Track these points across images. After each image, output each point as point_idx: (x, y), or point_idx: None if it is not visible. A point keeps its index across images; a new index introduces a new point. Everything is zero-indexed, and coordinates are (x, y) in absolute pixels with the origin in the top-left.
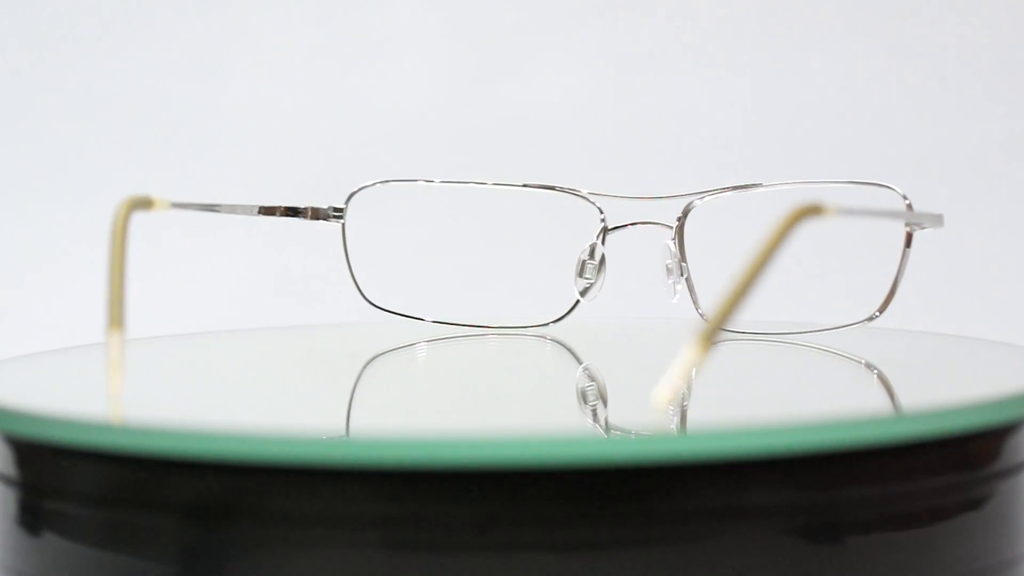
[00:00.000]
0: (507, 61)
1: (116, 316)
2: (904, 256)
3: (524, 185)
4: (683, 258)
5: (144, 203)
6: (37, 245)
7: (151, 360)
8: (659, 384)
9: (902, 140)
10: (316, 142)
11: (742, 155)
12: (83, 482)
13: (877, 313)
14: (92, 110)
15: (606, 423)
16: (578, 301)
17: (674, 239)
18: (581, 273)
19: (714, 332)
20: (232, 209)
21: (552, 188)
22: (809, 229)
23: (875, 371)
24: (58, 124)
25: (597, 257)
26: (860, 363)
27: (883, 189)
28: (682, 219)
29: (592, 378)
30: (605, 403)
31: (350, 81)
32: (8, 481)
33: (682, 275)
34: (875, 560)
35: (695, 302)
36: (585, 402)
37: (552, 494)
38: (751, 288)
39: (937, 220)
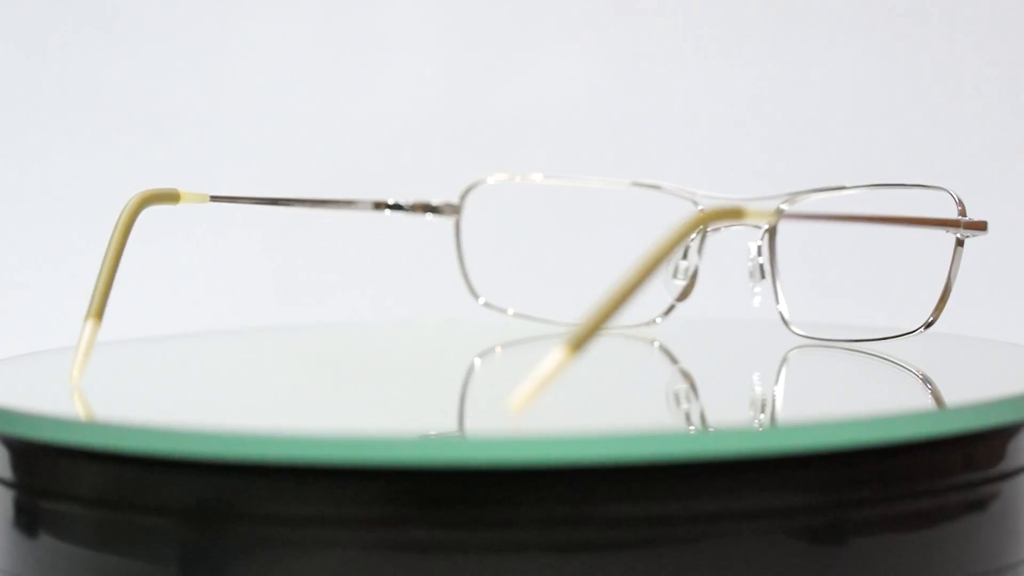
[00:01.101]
0: (514, 57)
1: (97, 307)
2: (955, 258)
3: (634, 184)
4: (773, 261)
5: (165, 197)
6: (35, 245)
7: (207, 361)
8: (519, 387)
9: (949, 140)
10: (315, 141)
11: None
12: (80, 483)
13: (932, 319)
14: (92, 110)
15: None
16: (673, 305)
17: (764, 241)
18: (675, 275)
19: (587, 337)
20: (346, 205)
21: (655, 187)
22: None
23: (881, 372)
24: (56, 124)
25: (693, 259)
26: (864, 364)
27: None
28: (774, 221)
29: (680, 377)
30: (692, 399)
31: (350, 79)
32: (3, 482)
33: (773, 278)
34: (878, 563)
35: (779, 305)
36: (676, 400)
37: (553, 495)
38: (635, 293)
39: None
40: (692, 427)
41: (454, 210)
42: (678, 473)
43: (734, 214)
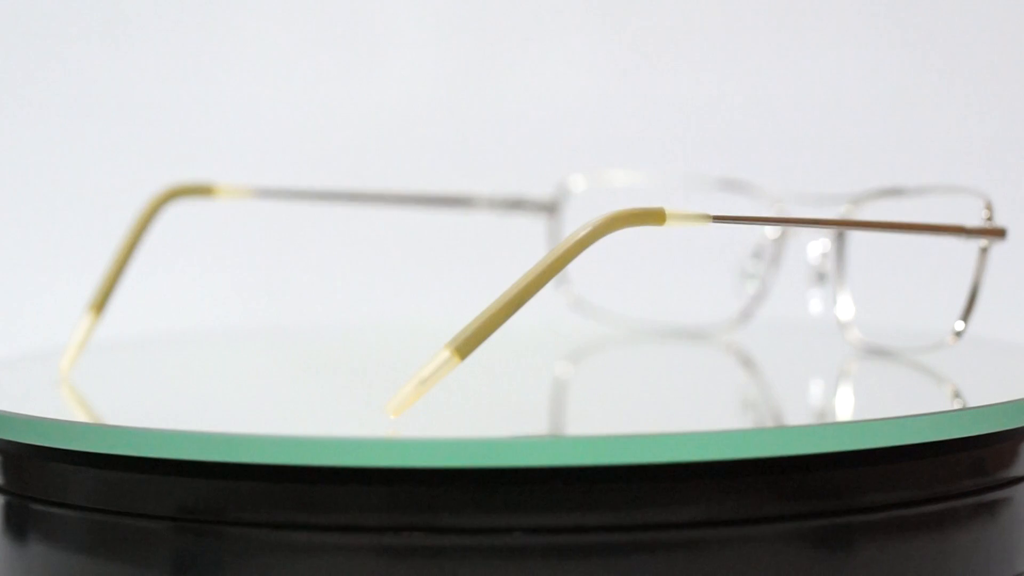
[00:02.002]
0: (515, 56)
1: (98, 299)
2: (980, 264)
3: (720, 181)
4: (841, 265)
5: (195, 190)
6: (31, 247)
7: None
8: (397, 391)
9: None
10: (312, 142)
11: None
12: (71, 487)
13: (963, 323)
14: (91, 110)
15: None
16: (747, 306)
17: (833, 244)
18: (746, 275)
19: (473, 342)
20: (454, 203)
21: (732, 185)
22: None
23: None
24: (52, 123)
25: (766, 259)
26: (869, 364)
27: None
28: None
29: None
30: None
31: (347, 80)
32: None
33: (837, 283)
34: (887, 569)
35: (844, 311)
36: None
37: (554, 498)
38: (527, 300)
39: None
40: (692, 430)
41: (550, 208)
42: (682, 477)
43: (646, 217)
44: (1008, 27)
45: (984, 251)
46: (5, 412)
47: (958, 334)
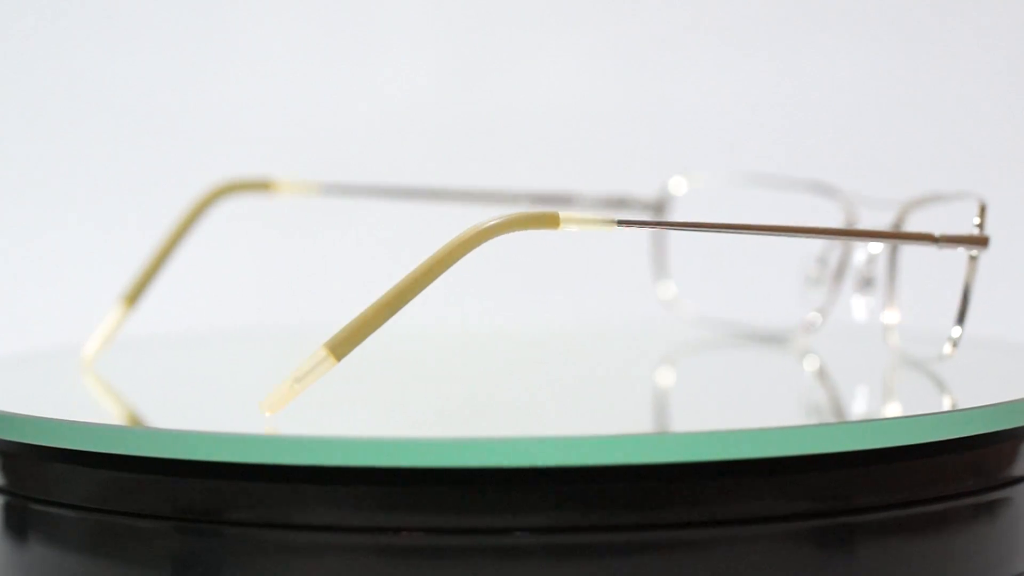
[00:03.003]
0: (514, 54)
1: (134, 291)
2: (969, 272)
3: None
4: (894, 274)
5: (251, 186)
6: (27, 249)
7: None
8: (272, 389)
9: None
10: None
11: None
12: (71, 487)
13: (959, 328)
14: (90, 110)
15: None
16: (816, 316)
17: (888, 252)
18: (815, 282)
19: (350, 341)
20: (553, 202)
21: (823, 190)
22: None
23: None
24: (48, 124)
25: (835, 266)
26: (874, 365)
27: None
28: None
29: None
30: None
31: (349, 77)
32: None
33: (889, 286)
34: (886, 570)
35: (890, 316)
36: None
37: (555, 498)
38: (406, 301)
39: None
40: (692, 430)
41: (657, 208)
42: (682, 477)
43: (538, 221)
44: None
45: (973, 259)
46: (5, 412)
47: (954, 341)
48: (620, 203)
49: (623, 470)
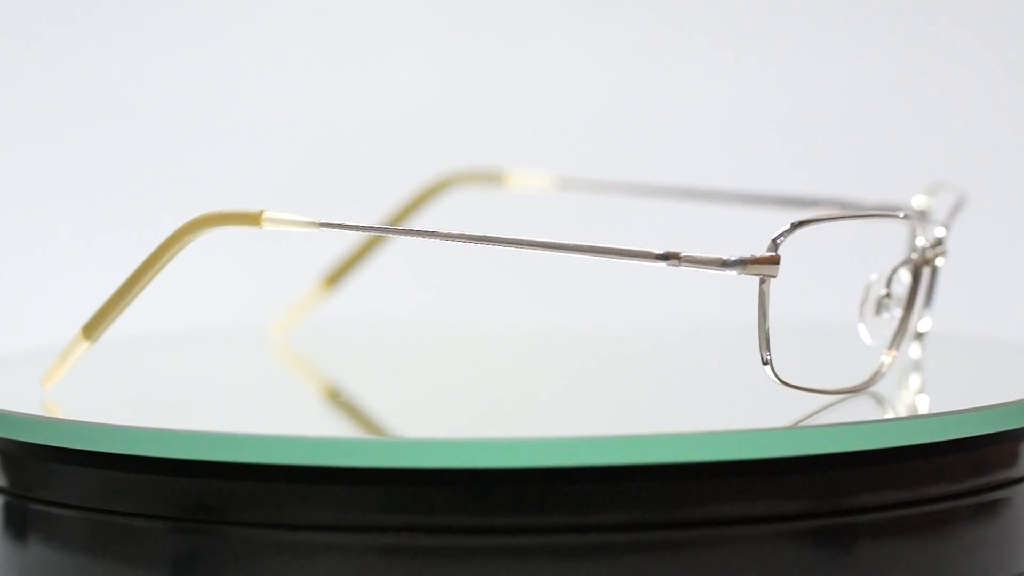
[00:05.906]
0: (515, 53)
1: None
2: (761, 298)
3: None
4: (927, 292)
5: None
6: (25, 243)
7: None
8: (47, 367)
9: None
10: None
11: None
12: (73, 487)
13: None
14: (90, 111)
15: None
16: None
17: (921, 269)
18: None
19: (100, 323)
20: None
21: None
22: None
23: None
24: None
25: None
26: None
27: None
28: (935, 249)
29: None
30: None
31: (350, 78)
32: None
33: (922, 308)
34: (887, 569)
35: (924, 323)
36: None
37: (555, 498)
38: (133, 292)
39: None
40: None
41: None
42: (682, 477)
43: (239, 219)
44: None
45: (763, 282)
46: (5, 412)
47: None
48: (890, 209)
49: (623, 470)
